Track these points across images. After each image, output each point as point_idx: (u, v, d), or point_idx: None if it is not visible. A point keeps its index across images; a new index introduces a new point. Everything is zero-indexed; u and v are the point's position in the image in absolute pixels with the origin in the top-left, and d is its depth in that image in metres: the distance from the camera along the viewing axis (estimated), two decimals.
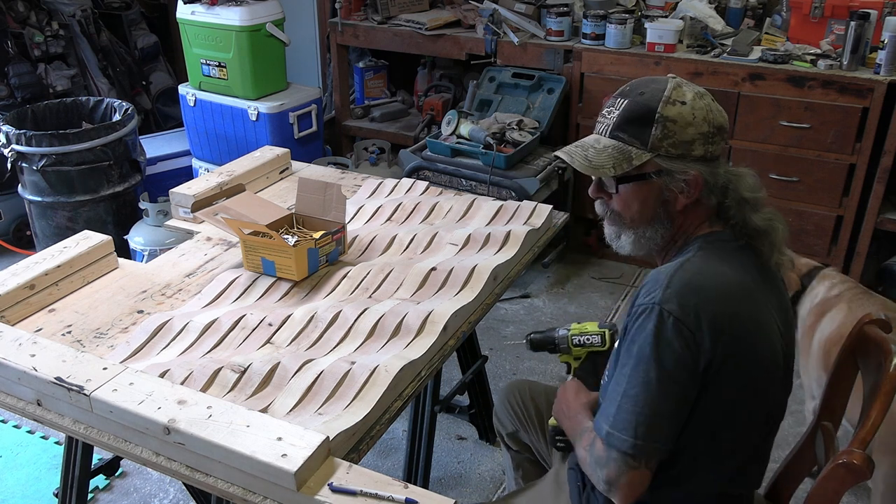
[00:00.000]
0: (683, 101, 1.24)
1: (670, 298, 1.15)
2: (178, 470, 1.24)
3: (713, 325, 1.15)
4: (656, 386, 1.14)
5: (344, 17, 3.83)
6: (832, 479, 1.19)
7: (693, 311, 1.14)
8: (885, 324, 1.38)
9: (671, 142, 1.23)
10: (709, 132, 1.24)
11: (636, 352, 1.16)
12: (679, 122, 1.23)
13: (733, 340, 1.16)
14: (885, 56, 2.81)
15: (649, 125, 1.24)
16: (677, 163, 1.24)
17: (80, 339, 1.56)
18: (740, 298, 1.20)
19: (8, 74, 3.67)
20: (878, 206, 3.02)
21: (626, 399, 1.16)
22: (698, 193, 1.25)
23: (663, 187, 1.26)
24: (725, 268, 1.22)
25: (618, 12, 3.29)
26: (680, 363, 1.14)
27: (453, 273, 1.71)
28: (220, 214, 1.81)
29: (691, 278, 1.18)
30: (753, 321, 1.21)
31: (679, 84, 1.27)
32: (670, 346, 1.14)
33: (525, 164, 3.18)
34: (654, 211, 1.28)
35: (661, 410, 1.15)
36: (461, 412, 2.46)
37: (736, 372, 1.18)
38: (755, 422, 1.27)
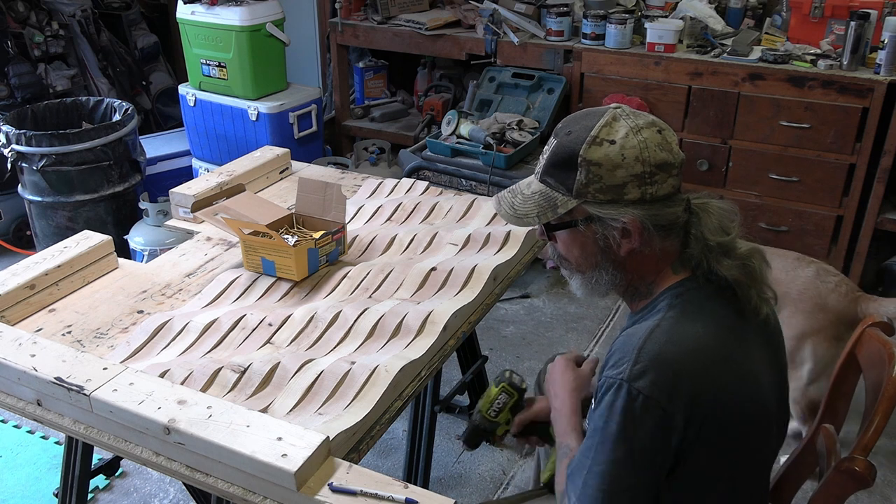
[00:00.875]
0: (612, 140, 1.13)
1: (639, 375, 1.08)
2: (178, 470, 1.24)
3: (687, 399, 1.08)
4: (623, 464, 1.09)
5: (344, 17, 3.83)
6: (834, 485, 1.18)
7: (665, 387, 1.07)
8: (887, 327, 1.38)
9: (598, 187, 1.14)
10: (643, 172, 1.12)
11: (602, 427, 1.10)
12: (605, 164, 1.13)
13: (713, 409, 1.10)
14: (885, 56, 2.81)
15: (573, 170, 1.15)
16: (608, 208, 1.15)
17: (80, 339, 1.56)
18: (717, 361, 1.13)
19: (8, 74, 3.67)
20: (878, 206, 3.02)
21: (591, 475, 1.11)
22: (639, 239, 1.16)
23: (597, 235, 1.18)
24: (699, 327, 1.13)
25: (618, 12, 3.29)
26: (650, 443, 1.09)
27: (453, 273, 1.71)
28: (220, 214, 1.81)
29: (661, 349, 1.10)
30: (734, 382, 1.14)
31: (615, 118, 1.16)
32: (641, 426, 1.08)
33: (525, 164, 3.18)
34: (595, 258, 1.21)
35: (627, 486, 1.10)
36: (461, 412, 2.46)
37: (719, 437, 1.12)
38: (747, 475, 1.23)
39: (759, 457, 1.23)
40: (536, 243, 1.96)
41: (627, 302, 1.30)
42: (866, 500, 2.29)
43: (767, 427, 1.22)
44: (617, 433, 1.09)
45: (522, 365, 2.87)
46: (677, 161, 1.15)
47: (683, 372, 1.09)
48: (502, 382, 1.53)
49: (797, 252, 2.33)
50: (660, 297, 1.20)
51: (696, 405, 1.09)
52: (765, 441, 1.23)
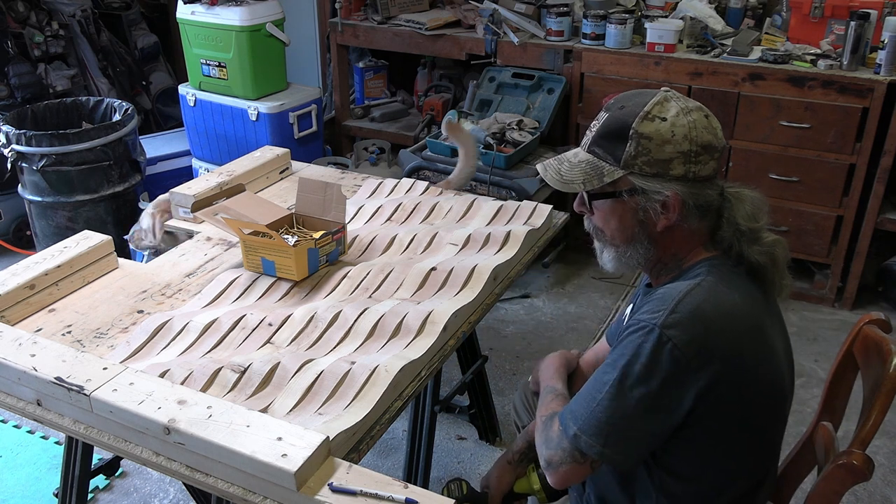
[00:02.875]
0: (664, 118, 1.17)
1: (674, 324, 1.11)
2: (178, 470, 1.24)
3: (713, 358, 1.11)
4: (636, 406, 1.12)
5: (344, 17, 3.83)
6: (832, 479, 1.19)
7: (694, 341, 1.11)
8: (884, 324, 1.38)
9: (645, 159, 1.18)
10: (690, 150, 1.17)
11: (623, 365, 1.13)
12: (655, 139, 1.17)
13: (735, 374, 1.14)
14: (885, 56, 2.81)
15: (623, 141, 1.19)
16: (652, 181, 1.18)
17: (80, 339, 1.56)
18: (749, 330, 1.17)
19: (8, 74, 3.67)
20: (878, 206, 3.02)
21: (600, 408, 1.14)
22: (678, 215, 1.20)
23: (638, 207, 1.21)
24: (736, 296, 1.17)
25: (618, 12, 3.29)
26: (667, 392, 1.12)
27: (453, 273, 1.71)
28: (220, 214, 1.81)
29: (700, 305, 1.13)
30: (760, 354, 1.18)
31: (666, 98, 1.20)
32: (661, 371, 1.11)
33: (525, 164, 3.18)
34: (632, 230, 1.23)
35: (633, 427, 1.14)
36: (461, 412, 2.46)
37: (734, 404, 1.16)
38: (759, 449, 1.26)
39: (767, 435, 1.25)
40: (537, 243, 1.96)
41: (651, 276, 1.32)
42: (866, 500, 2.29)
43: (781, 407, 1.25)
44: (638, 374, 1.11)
45: (522, 365, 2.88)
46: (720, 145, 1.19)
47: (715, 331, 1.12)
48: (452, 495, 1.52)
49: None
50: (695, 266, 1.23)
51: (720, 366, 1.12)
52: (775, 420, 1.25)
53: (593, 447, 1.15)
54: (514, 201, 2.07)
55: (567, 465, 1.19)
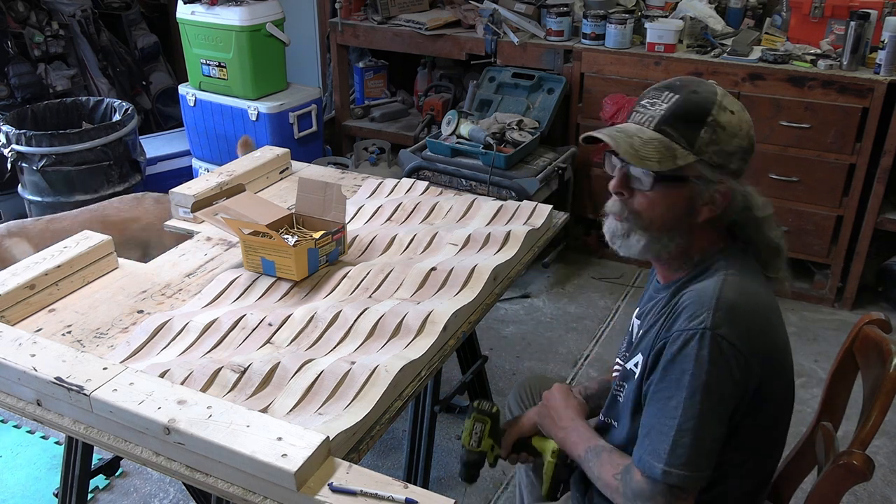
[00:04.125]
0: (733, 111, 1.17)
1: (722, 322, 1.10)
2: (178, 470, 1.24)
3: (760, 348, 1.14)
4: (711, 414, 1.11)
5: (344, 17, 3.83)
6: (832, 479, 1.19)
7: (746, 335, 1.11)
8: (884, 324, 1.38)
9: (716, 149, 1.16)
10: (748, 147, 1.19)
11: (688, 381, 1.10)
12: (728, 130, 1.16)
13: (773, 363, 1.17)
14: (885, 56, 2.81)
15: (700, 126, 1.16)
16: (717, 172, 1.17)
17: (80, 339, 1.56)
18: (776, 321, 1.20)
19: (8, 74, 3.67)
20: (878, 206, 3.02)
21: (682, 433, 1.10)
22: (725, 207, 1.20)
23: (694, 195, 1.18)
24: (758, 287, 1.19)
25: (618, 12, 3.29)
26: (737, 389, 1.12)
27: (453, 273, 1.71)
28: (220, 214, 1.81)
29: (737, 300, 1.13)
30: (784, 343, 1.23)
31: (726, 93, 1.20)
32: (729, 372, 1.10)
33: (525, 164, 3.18)
34: (678, 218, 1.20)
35: (714, 438, 1.13)
36: (461, 412, 2.46)
37: (776, 394, 1.19)
38: (779, 442, 1.29)
39: (781, 429, 1.28)
40: (536, 243, 1.96)
41: (666, 268, 1.29)
42: (866, 500, 2.29)
43: (792, 400, 1.27)
44: (707, 382, 1.09)
45: (522, 365, 2.88)
46: (754, 145, 1.22)
47: (757, 324, 1.15)
48: (473, 412, 1.53)
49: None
50: (710, 258, 1.22)
51: (765, 354, 1.14)
52: (789, 413, 1.27)
53: (688, 478, 1.11)
54: (514, 201, 2.07)
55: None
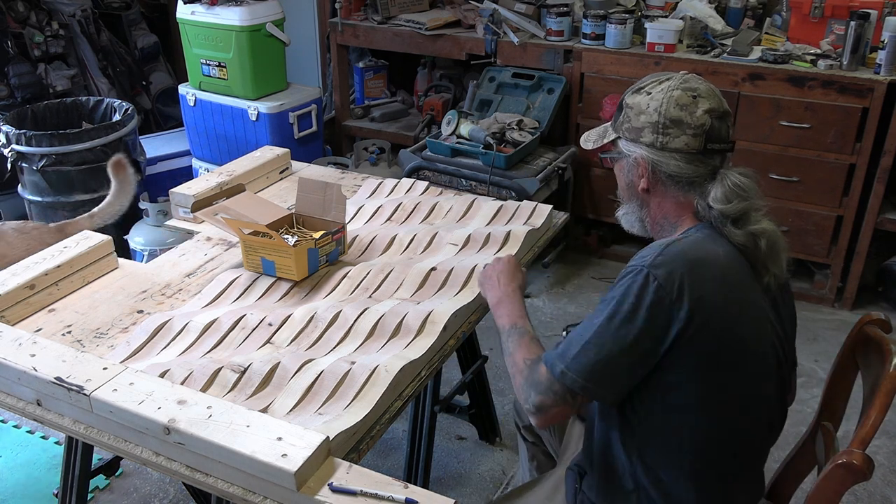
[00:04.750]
0: (649, 92, 1.32)
1: (660, 265, 1.21)
2: (178, 470, 1.24)
3: (694, 298, 1.18)
4: (623, 341, 1.20)
5: (344, 17, 3.83)
6: (832, 479, 1.19)
7: (678, 280, 1.19)
8: (884, 324, 1.38)
9: (627, 126, 1.34)
10: (658, 122, 1.29)
11: (613, 305, 1.22)
12: (635, 108, 1.33)
13: (713, 318, 1.19)
14: (885, 56, 2.81)
15: (620, 110, 1.37)
16: (630, 145, 1.34)
17: (80, 339, 1.56)
18: (728, 281, 1.23)
19: (8, 74, 3.67)
20: (878, 206, 3.02)
21: (589, 345, 1.22)
22: (647, 179, 1.32)
23: (626, 167, 1.37)
24: (719, 250, 1.25)
25: (618, 12, 3.29)
26: (651, 326, 1.19)
27: (453, 273, 1.71)
28: (220, 214, 1.81)
29: (684, 249, 1.23)
30: (738, 306, 1.23)
31: (669, 78, 1.32)
32: (647, 308, 1.19)
33: (525, 164, 3.18)
34: (627, 190, 1.39)
35: (619, 363, 1.21)
36: (461, 412, 2.46)
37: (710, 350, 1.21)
38: (735, 416, 1.27)
39: (745, 402, 1.27)
40: (536, 243, 1.96)
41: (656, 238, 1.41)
42: (866, 500, 2.29)
43: (761, 371, 1.28)
44: (626, 310, 1.20)
45: None
46: (695, 123, 1.28)
47: (697, 273, 1.20)
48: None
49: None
50: (689, 229, 1.32)
51: (699, 306, 1.18)
52: (754, 384, 1.28)
53: (578, 382, 1.22)
54: (514, 201, 2.07)
55: (558, 408, 1.26)
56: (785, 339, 1.34)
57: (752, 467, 1.37)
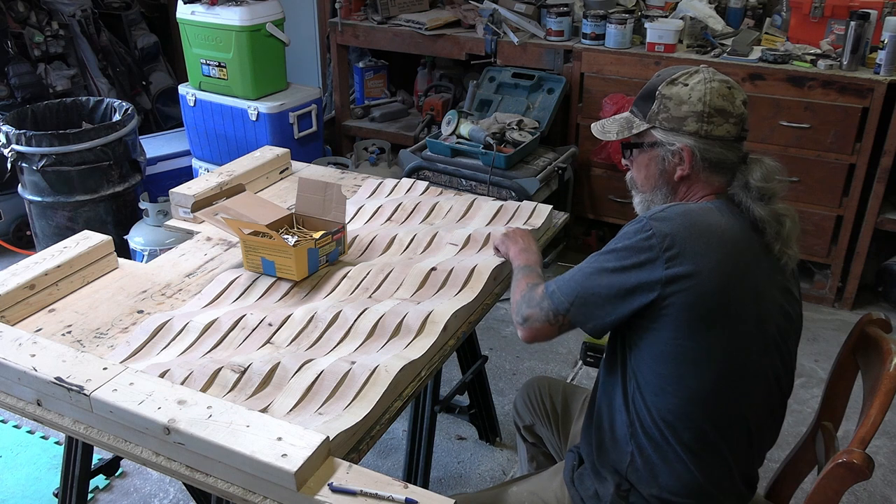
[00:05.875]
0: (686, 84, 1.36)
1: (660, 218, 1.28)
2: (178, 470, 1.24)
3: (686, 254, 1.24)
4: (609, 276, 1.29)
5: (344, 17, 3.83)
6: (832, 478, 1.19)
7: (673, 235, 1.25)
8: (885, 324, 1.39)
9: (665, 116, 1.37)
10: (703, 111, 1.34)
11: (610, 245, 1.32)
12: (674, 99, 1.36)
13: (706, 275, 1.23)
14: (885, 56, 2.81)
15: (651, 101, 1.40)
16: (670, 135, 1.37)
17: (80, 339, 1.56)
18: (724, 244, 1.27)
19: (8, 74, 3.67)
20: (878, 206, 3.02)
21: (580, 273, 1.34)
22: (690, 165, 1.36)
23: (660, 156, 1.39)
24: (723, 219, 1.30)
25: (618, 12, 3.29)
26: (636, 268, 1.26)
27: (453, 273, 1.71)
28: (220, 214, 1.81)
29: (688, 209, 1.31)
30: (734, 269, 1.27)
31: (698, 71, 1.38)
32: (636, 251, 1.27)
33: (525, 164, 3.18)
34: (655, 178, 1.41)
35: (601, 294, 1.30)
36: (461, 412, 2.46)
37: (704, 307, 1.25)
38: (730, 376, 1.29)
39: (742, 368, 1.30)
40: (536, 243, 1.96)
41: None
42: (866, 499, 2.29)
43: (758, 342, 1.30)
44: (618, 249, 1.30)
45: (522, 365, 2.88)
46: (736, 112, 1.35)
47: (696, 234, 1.26)
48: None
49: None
50: (702, 202, 1.37)
51: (691, 267, 1.24)
52: (750, 353, 1.30)
53: (563, 303, 1.33)
54: (514, 201, 2.07)
55: (541, 323, 1.37)
56: (788, 323, 1.36)
57: (748, 446, 1.37)
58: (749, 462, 1.39)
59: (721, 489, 1.35)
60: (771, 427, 1.41)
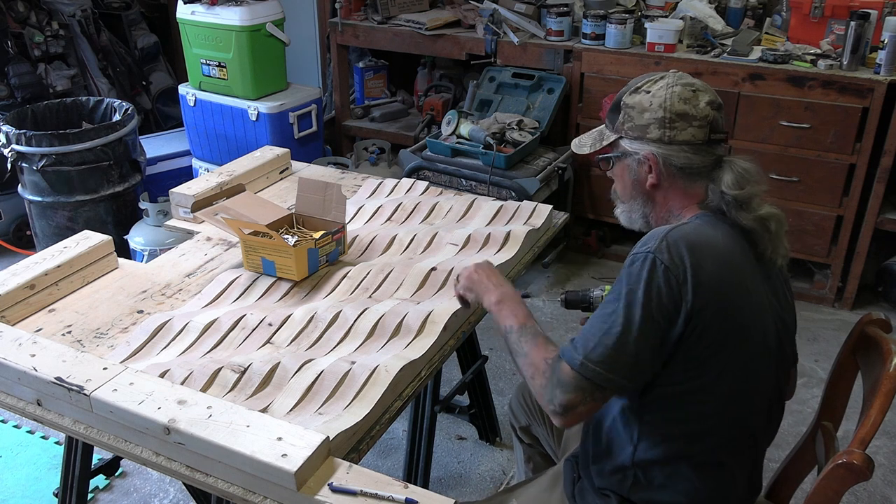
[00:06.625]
0: (648, 91, 1.35)
1: (665, 249, 1.23)
2: (178, 470, 1.24)
3: (697, 278, 1.20)
4: (638, 327, 1.20)
5: (344, 17, 3.83)
6: (832, 479, 1.19)
7: (682, 263, 1.21)
8: (885, 324, 1.38)
9: (630, 125, 1.36)
10: (664, 117, 1.32)
11: (624, 293, 1.22)
12: (636, 108, 1.35)
13: (716, 299, 1.21)
14: (885, 56, 2.81)
15: (617, 112, 1.39)
16: (635, 144, 1.36)
17: (80, 339, 1.56)
18: (728, 264, 1.25)
19: (8, 74, 3.67)
20: (878, 206, 3.02)
21: (607, 336, 1.21)
22: (657, 173, 1.34)
23: (630, 166, 1.38)
24: (719, 235, 1.28)
25: (618, 12, 3.29)
26: (664, 308, 1.21)
27: (453, 273, 1.71)
28: (220, 214, 1.81)
29: (685, 235, 1.26)
30: (739, 288, 1.25)
31: (663, 77, 1.36)
32: (659, 292, 1.20)
33: (525, 164, 3.18)
34: (630, 188, 1.41)
35: (638, 350, 1.20)
36: (461, 412, 2.46)
37: (718, 331, 1.22)
38: (730, 400, 1.28)
39: (746, 384, 1.28)
40: (536, 243, 1.96)
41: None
42: (866, 500, 2.29)
43: (761, 355, 1.29)
44: (639, 297, 1.21)
45: None
46: (699, 114, 1.32)
47: (699, 257, 1.22)
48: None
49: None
50: (690, 218, 1.34)
51: (704, 288, 1.21)
52: (753, 369, 1.28)
53: (601, 374, 1.20)
54: (514, 201, 2.07)
55: (586, 406, 1.23)
56: (784, 331, 1.35)
57: (752, 454, 1.36)
58: (752, 467, 1.39)
59: (726, 500, 1.34)
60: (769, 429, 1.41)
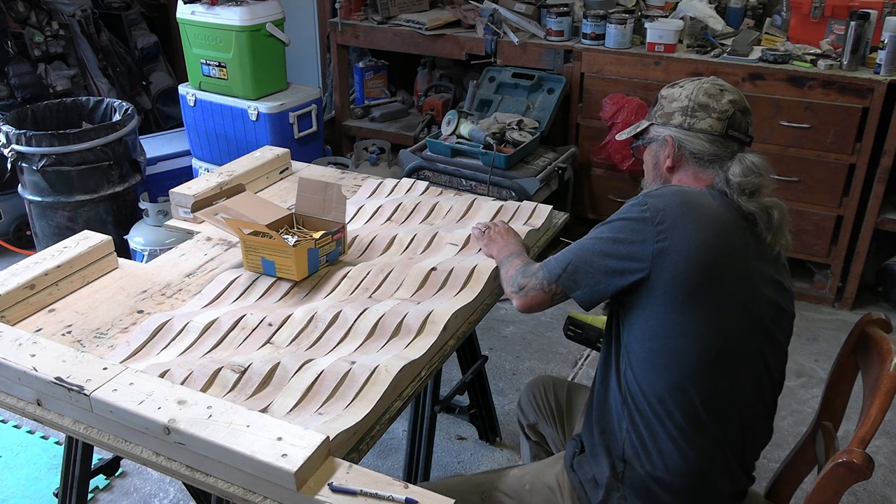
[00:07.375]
0: (682, 86, 1.49)
1: (656, 195, 1.36)
2: (178, 470, 1.24)
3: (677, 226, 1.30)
4: (602, 246, 1.37)
5: (344, 17, 3.83)
6: (832, 478, 1.19)
7: (666, 209, 1.32)
8: (885, 323, 1.39)
9: (659, 112, 1.50)
10: (688, 106, 1.45)
11: (607, 221, 1.40)
12: (668, 98, 1.50)
13: (694, 251, 1.29)
14: (885, 56, 2.81)
15: (655, 102, 1.54)
16: (660, 129, 1.50)
17: (80, 339, 1.56)
18: (714, 224, 1.32)
19: (8, 74, 3.67)
20: (878, 206, 3.02)
21: (576, 243, 1.43)
22: (672, 154, 1.46)
23: (653, 149, 1.51)
24: (715, 204, 1.36)
25: (618, 12, 3.29)
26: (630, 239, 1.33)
27: (453, 273, 1.71)
28: (220, 214, 1.81)
29: (683, 190, 1.39)
30: (722, 249, 1.32)
31: (699, 78, 1.50)
32: (631, 223, 1.34)
33: (525, 164, 3.18)
34: (653, 171, 1.52)
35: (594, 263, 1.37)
36: (461, 412, 2.46)
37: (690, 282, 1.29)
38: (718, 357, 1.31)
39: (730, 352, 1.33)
40: (537, 243, 1.96)
41: None
42: (866, 499, 2.29)
43: (746, 323, 1.33)
44: (614, 220, 1.38)
45: (522, 365, 2.87)
46: (720, 108, 1.44)
47: (687, 210, 1.32)
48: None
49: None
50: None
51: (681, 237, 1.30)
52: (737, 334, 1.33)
53: (556, 270, 1.42)
54: (514, 201, 2.07)
55: (535, 291, 1.46)
56: (780, 313, 1.38)
57: (742, 430, 1.37)
58: (742, 449, 1.39)
59: (713, 470, 1.36)
60: (763, 418, 1.41)
